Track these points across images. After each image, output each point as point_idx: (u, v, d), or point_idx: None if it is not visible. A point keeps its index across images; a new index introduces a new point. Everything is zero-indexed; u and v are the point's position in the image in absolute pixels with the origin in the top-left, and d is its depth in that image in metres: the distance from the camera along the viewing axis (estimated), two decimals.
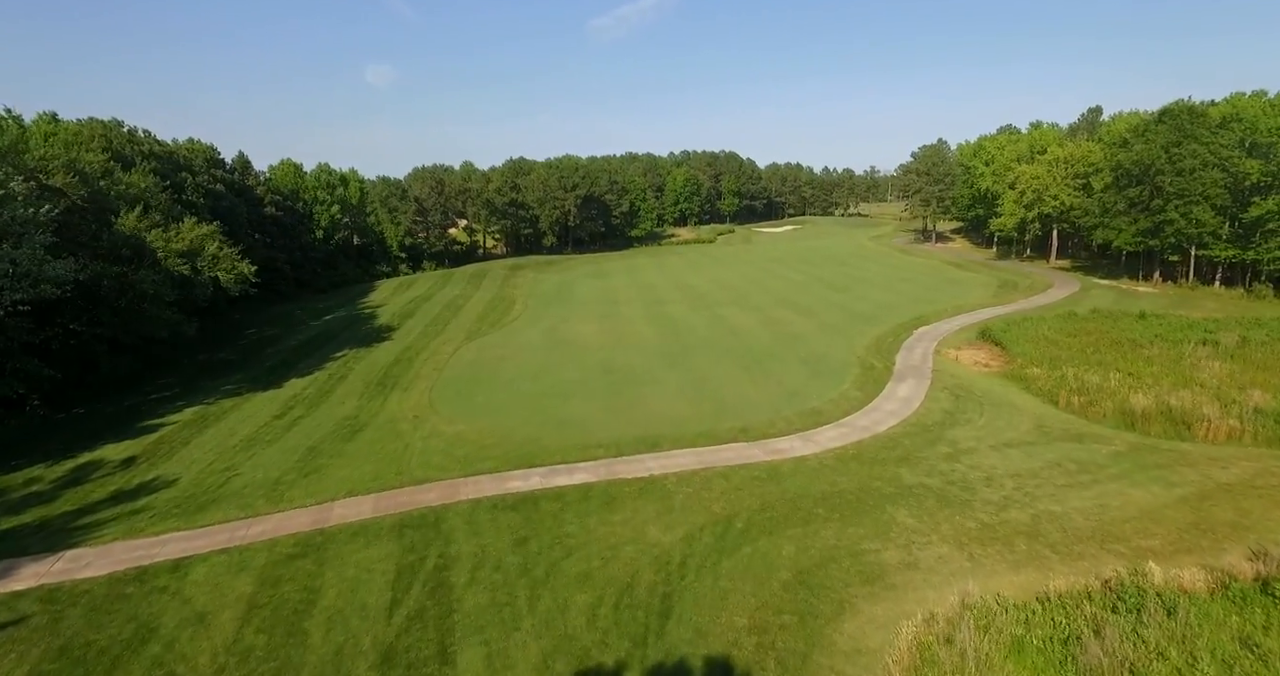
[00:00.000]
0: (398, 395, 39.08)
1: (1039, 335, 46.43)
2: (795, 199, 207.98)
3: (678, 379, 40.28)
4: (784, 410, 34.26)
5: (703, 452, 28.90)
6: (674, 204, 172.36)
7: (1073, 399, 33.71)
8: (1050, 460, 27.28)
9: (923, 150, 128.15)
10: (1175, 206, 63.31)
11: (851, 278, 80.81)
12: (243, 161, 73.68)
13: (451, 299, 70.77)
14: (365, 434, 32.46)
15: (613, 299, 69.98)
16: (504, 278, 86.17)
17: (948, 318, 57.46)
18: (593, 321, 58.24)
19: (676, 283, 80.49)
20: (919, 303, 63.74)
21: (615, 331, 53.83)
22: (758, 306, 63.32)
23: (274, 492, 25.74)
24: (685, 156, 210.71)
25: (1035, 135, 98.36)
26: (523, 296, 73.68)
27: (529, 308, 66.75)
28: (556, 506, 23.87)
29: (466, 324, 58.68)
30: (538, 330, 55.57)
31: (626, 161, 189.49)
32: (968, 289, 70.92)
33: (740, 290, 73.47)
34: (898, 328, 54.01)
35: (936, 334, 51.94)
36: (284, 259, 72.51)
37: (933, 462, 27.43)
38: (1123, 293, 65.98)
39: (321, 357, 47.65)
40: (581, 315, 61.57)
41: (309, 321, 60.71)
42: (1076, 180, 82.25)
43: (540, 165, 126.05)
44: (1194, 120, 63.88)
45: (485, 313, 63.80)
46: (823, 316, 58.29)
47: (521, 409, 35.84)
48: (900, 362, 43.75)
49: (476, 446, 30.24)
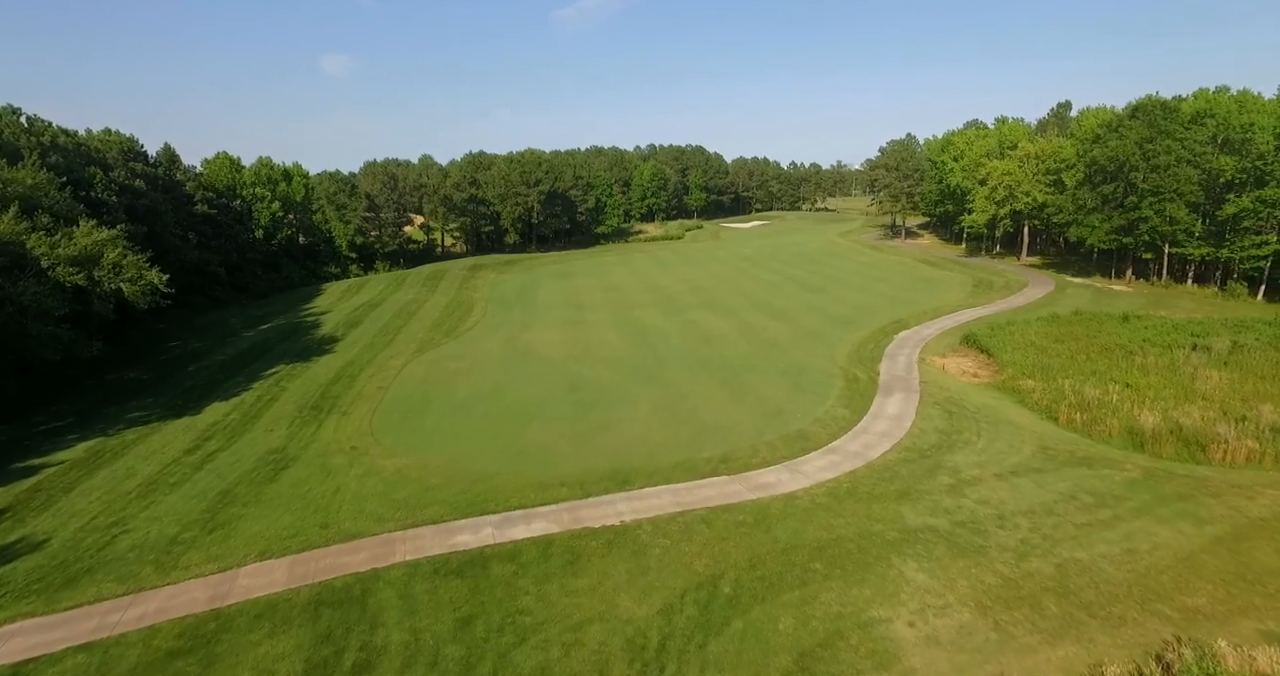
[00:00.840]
0: (335, 420, 34.66)
1: (1026, 341, 44.35)
2: (763, 194, 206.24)
3: (650, 397, 36.77)
4: (767, 434, 31.08)
5: (680, 490, 25.47)
6: (641, 199, 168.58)
7: (1074, 416, 31.34)
8: (1063, 492, 24.65)
9: (891, 145, 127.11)
10: (1150, 203, 62.37)
11: (825, 277, 78.47)
12: (169, 155, 67.21)
13: (404, 304, 65.83)
14: (291, 472, 28.10)
15: (578, 303, 66.06)
16: (463, 279, 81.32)
17: (927, 320, 55.28)
18: (557, 329, 54.28)
19: (645, 283, 76.97)
20: (896, 304, 61.55)
21: (581, 340, 50.01)
22: (731, 310, 60.22)
23: (167, 557, 21.36)
24: (652, 150, 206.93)
25: (1004, 130, 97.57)
26: (482, 300, 69.17)
27: (488, 313, 62.36)
28: (510, 570, 20.12)
29: (419, 332, 54.07)
30: (497, 339, 51.37)
31: (592, 155, 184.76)
32: (943, 289, 69.15)
33: (712, 291, 70.34)
34: (878, 332, 51.53)
35: (918, 339, 49.59)
36: (218, 261, 66.45)
37: (936, 497, 24.54)
38: (1098, 291, 64.97)
39: (252, 375, 42.67)
40: (545, 321, 57.53)
41: (243, 332, 55.23)
42: (1047, 176, 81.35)
43: (501, 159, 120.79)
44: (1167, 116, 62.97)
45: (441, 319, 59.20)
46: (800, 321, 55.48)
47: (475, 436, 31.89)
48: (885, 373, 41.08)
49: (420, 487, 26.24)
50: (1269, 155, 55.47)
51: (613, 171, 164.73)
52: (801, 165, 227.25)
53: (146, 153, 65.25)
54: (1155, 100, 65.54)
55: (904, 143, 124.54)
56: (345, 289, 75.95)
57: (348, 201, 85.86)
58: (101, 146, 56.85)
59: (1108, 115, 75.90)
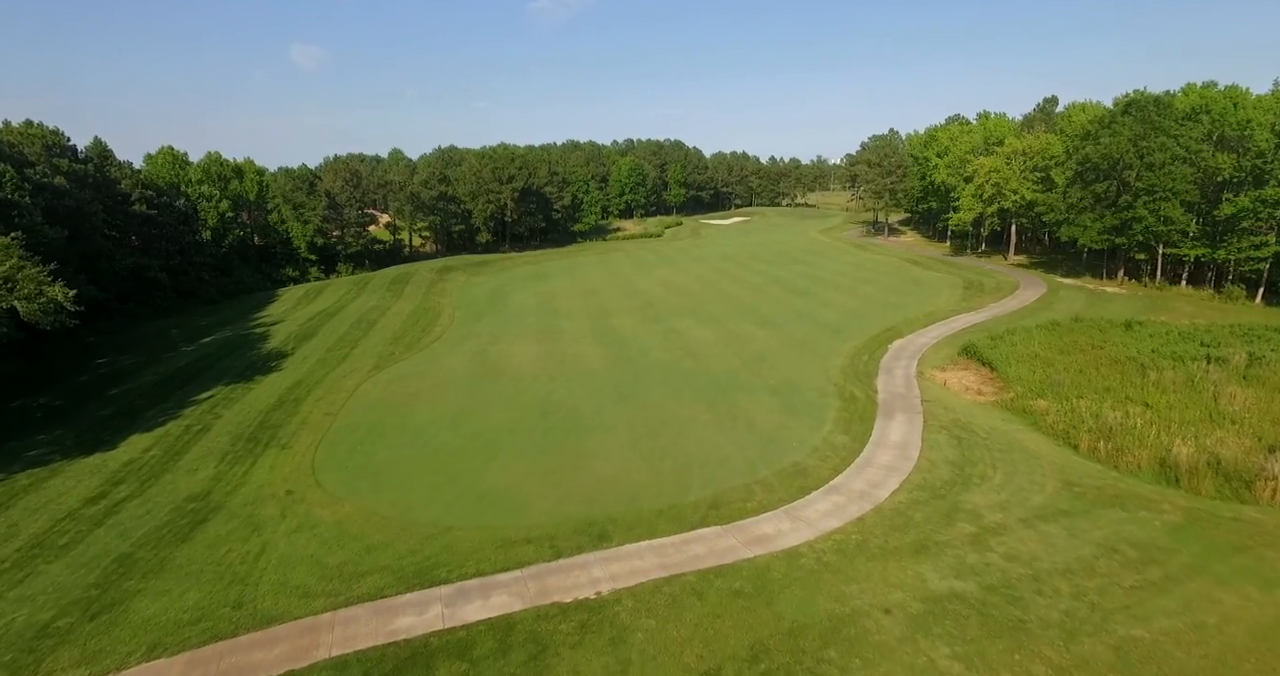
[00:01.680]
0: (272, 456, 30.49)
1: (1029, 352, 41.67)
2: (742, 189, 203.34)
3: (630, 422, 33.17)
4: (761, 469, 27.70)
5: (665, 547, 21.95)
6: (619, 195, 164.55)
7: (1097, 444, 28.51)
8: (1100, 542, 21.64)
9: (873, 141, 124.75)
10: (1144, 203, 60.35)
11: (810, 278, 75.53)
12: (100, 149, 61.46)
13: (364, 312, 61.23)
14: (211, 527, 23.98)
15: (553, 309, 62.13)
16: (430, 283, 76.74)
17: (921, 328, 52.49)
18: (529, 340, 50.33)
19: (624, 286, 73.25)
20: (887, 309, 58.74)
21: (555, 354, 46.18)
22: (715, 317, 56.82)
23: (28, 657, 17.24)
24: (630, 145, 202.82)
25: (989, 126, 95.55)
26: (450, 307, 64.85)
27: (456, 322, 58.14)
28: (460, 671, 16.41)
29: (378, 346, 49.71)
30: (463, 354, 47.29)
31: (568, 150, 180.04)
32: (933, 291, 66.59)
33: (694, 295, 66.90)
34: (870, 342, 48.58)
35: (914, 349, 46.71)
36: (159, 266, 61.10)
37: (959, 551, 21.36)
38: (1092, 294, 62.89)
39: (184, 399, 38.13)
40: (517, 331, 53.55)
41: (182, 345, 50.33)
42: (1035, 174, 79.35)
43: (473, 155, 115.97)
44: (1160, 112, 60.93)
45: (403, 330, 54.83)
46: (787, 328, 52.29)
47: (431, 474, 28.03)
48: (883, 389, 38.03)
49: (361, 546, 22.35)
50: (1269, 153, 53.57)
51: (590, 167, 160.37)
52: (781, 160, 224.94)
53: (75, 147, 59.53)
54: (1148, 96, 63.51)
55: (886, 138, 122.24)
56: (303, 294, 70.89)
57: (306, 200, 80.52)
58: (19, 140, 51.30)
59: (1098, 111, 73.93)
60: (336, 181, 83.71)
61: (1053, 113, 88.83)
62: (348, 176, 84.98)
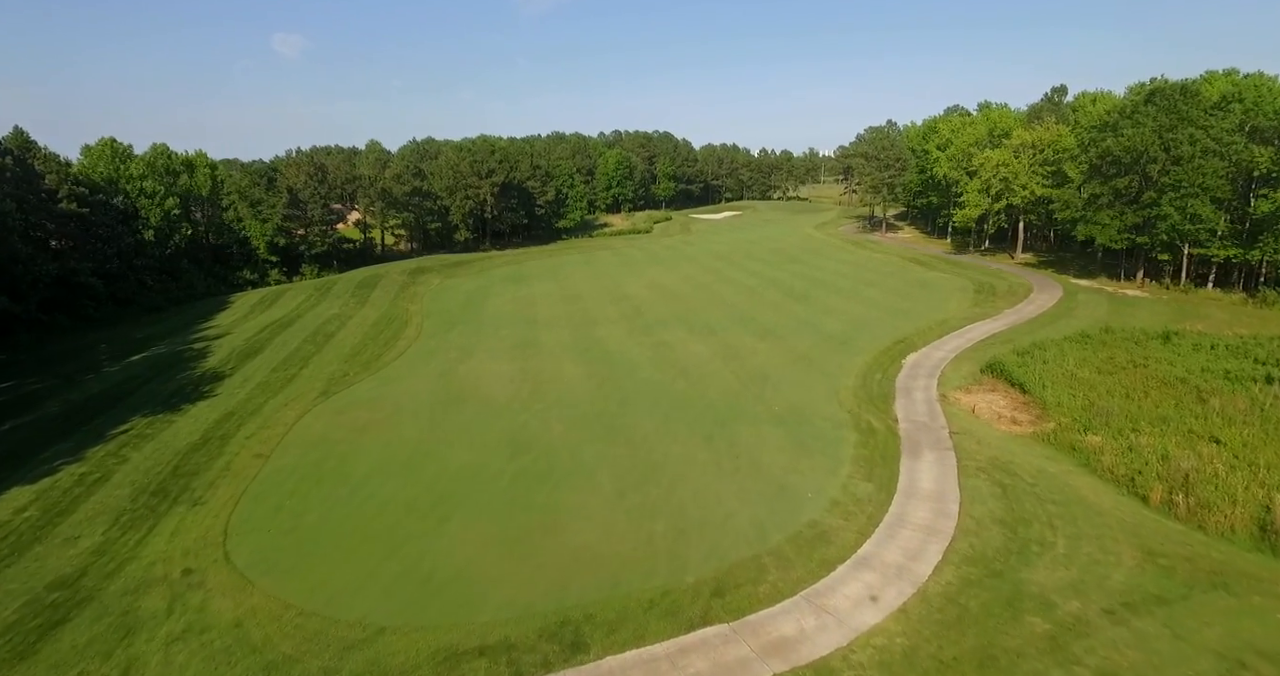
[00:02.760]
0: (179, 515, 25.10)
1: (1064, 371, 37.01)
2: (733, 182, 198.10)
3: (615, 465, 28.08)
4: (772, 532, 22.73)
5: (658, 660, 16.92)
6: (606, 189, 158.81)
7: (1173, 497, 23.80)
8: (1218, 649, 16.86)
9: (870, 132, 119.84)
10: (1170, 199, 55.90)
11: (809, 280, 70.66)
12: (21, 140, 54.89)
13: (323, 322, 55.51)
14: (69, 632, 18.62)
15: (532, 317, 56.76)
16: (400, 286, 70.97)
17: (935, 339, 47.73)
18: (504, 357, 44.99)
19: (610, 290, 67.98)
20: (895, 316, 53.96)
21: (532, 374, 40.93)
22: (709, 326, 51.75)
23: None
24: (617, 137, 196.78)
25: (994, 117, 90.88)
26: (420, 314, 59.27)
27: (424, 333, 52.61)
28: None
29: (331, 364, 44.14)
30: (428, 374, 41.90)
31: (553, 142, 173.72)
32: (942, 295, 61.92)
33: (686, 300, 61.78)
34: (882, 356, 43.79)
35: (931, 365, 41.97)
36: (90, 271, 54.89)
37: (1036, 665, 16.51)
38: (1113, 298, 58.47)
39: (88, 437, 32.48)
40: (491, 345, 48.18)
41: (106, 365, 44.47)
42: (1045, 167, 74.83)
43: (449, 147, 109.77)
44: (1187, 101, 56.41)
45: (363, 344, 49.24)
46: (789, 340, 47.36)
47: (369, 543, 22.80)
48: (904, 418, 33.22)
49: (260, 664, 17.10)
50: None
51: (575, 159, 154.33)
52: (772, 152, 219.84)
53: None
54: (1173, 84, 58.97)
55: (883, 130, 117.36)
56: (258, 300, 64.87)
57: (265, 196, 74.16)
58: None
59: (1113, 101, 69.38)
60: (299, 176, 77.38)
61: (1061, 103, 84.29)
62: (311, 170, 78.67)
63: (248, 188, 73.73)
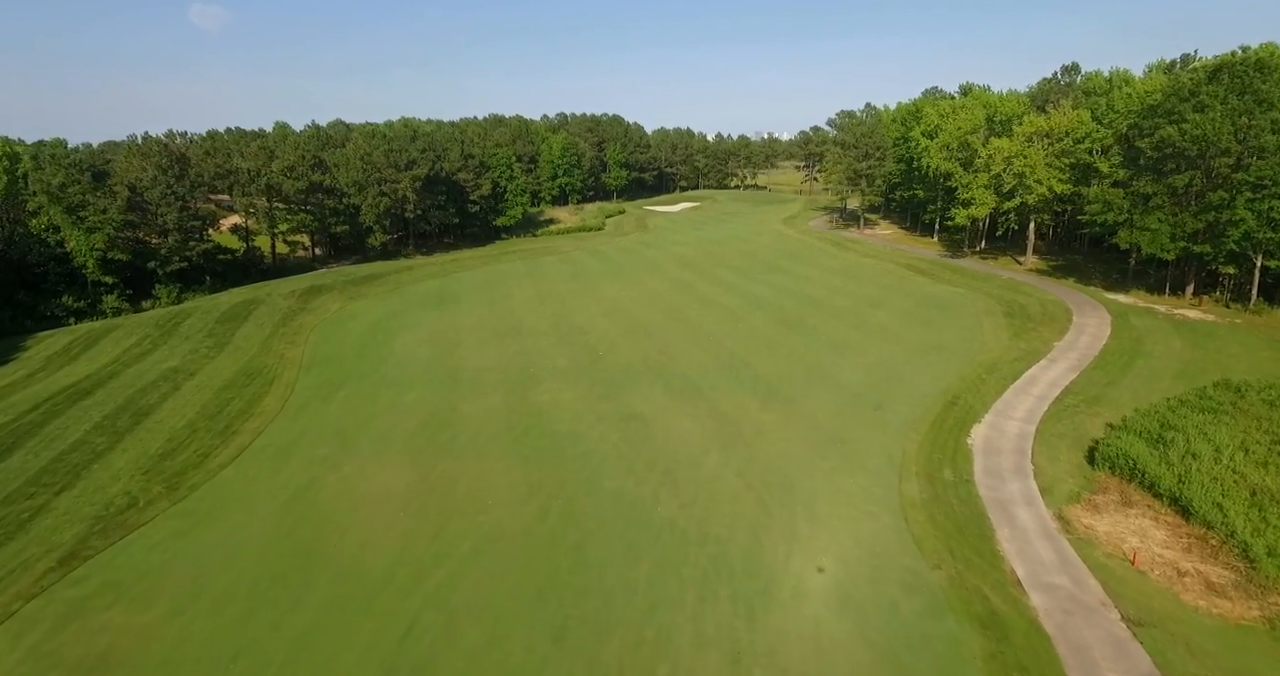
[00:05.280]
0: None
1: (1229, 468, 25.30)
2: (688, 170, 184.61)
3: None
4: None
5: None
6: (551, 178, 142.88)
7: None
8: None
9: (843, 118, 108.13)
10: (1246, 200, 45.54)
11: (799, 297, 58.15)
12: None
13: (148, 384, 39.29)
14: None
15: (453, 369, 42.05)
16: (282, 316, 54.66)
17: (994, 397, 35.76)
18: (399, 454, 30.39)
19: (558, 318, 53.70)
20: (924, 356, 41.89)
21: (439, 493, 26.64)
22: (692, 381, 38.33)
23: None
24: (563, 120, 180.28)
25: (992, 100, 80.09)
26: (296, 365, 43.69)
27: (292, 403, 37.30)
28: None
29: (121, 478, 28.55)
30: (269, 501, 26.96)
31: (490, 126, 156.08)
32: (968, 320, 50.29)
33: (655, 334, 48.14)
34: (937, 432, 31.51)
35: (1013, 449, 29.88)
36: None
37: None
38: (1175, 323, 47.93)
39: None
40: (385, 427, 33.47)
41: None
42: (1062, 159, 64.28)
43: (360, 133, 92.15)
44: (1266, 78, 45.91)
45: (192, 427, 33.55)
46: (802, 405, 34.53)
47: None
48: (1029, 580, 20.89)
49: None
50: None
51: (516, 145, 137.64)
52: (729, 137, 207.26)
53: None
54: (1245, 57, 48.48)
55: (859, 117, 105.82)
56: (68, 343, 47.52)
57: (90, 197, 55.92)
58: None
59: (1155, 83, 58.73)
60: (146, 170, 59.39)
61: (1074, 84, 73.87)
62: (163, 162, 60.66)
63: (63, 186, 55.19)
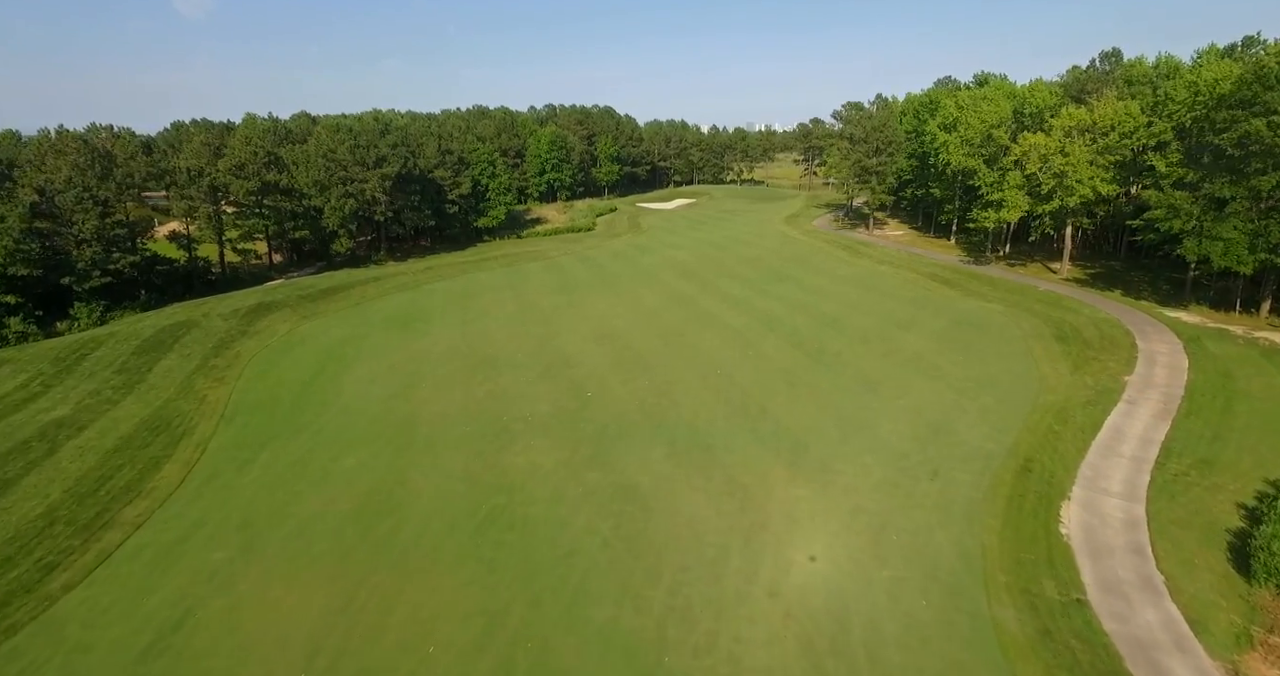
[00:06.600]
0: None
1: None
2: (682, 164, 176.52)
3: None
4: None
5: None
6: (539, 174, 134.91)
7: None
8: None
9: (850, 110, 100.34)
10: None
11: (815, 315, 50.99)
12: None
13: (20, 443, 31.53)
14: None
15: (409, 416, 34.57)
16: (218, 342, 46.87)
17: (1075, 460, 28.80)
18: (322, 548, 22.99)
19: (540, 344, 46.28)
20: (974, 396, 34.83)
21: (365, 618, 19.33)
22: (702, 437, 31.06)
23: None
24: (551, 112, 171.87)
25: (1022, 92, 72.84)
26: (217, 412, 36.08)
27: (203, 464, 29.77)
28: None
29: None
30: (130, 636, 19.56)
31: (474, 118, 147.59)
32: (1016, 348, 43.30)
33: (654, 368, 40.82)
34: (1014, 517, 24.55)
35: (1126, 549, 22.94)
36: None
37: None
38: (1258, 347, 41.04)
39: None
40: (313, 506, 26.04)
41: None
42: (1106, 156, 57.25)
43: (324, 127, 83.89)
44: None
45: (54, 512, 25.93)
46: (837, 474, 27.38)
47: None
48: None
49: None
50: None
51: (501, 139, 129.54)
52: (725, 130, 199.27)
53: None
54: None
55: (868, 110, 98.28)
56: None
57: None
58: None
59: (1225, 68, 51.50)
60: (60, 168, 51.22)
61: (1114, 73, 66.66)
62: (83, 159, 52.45)
63: None
